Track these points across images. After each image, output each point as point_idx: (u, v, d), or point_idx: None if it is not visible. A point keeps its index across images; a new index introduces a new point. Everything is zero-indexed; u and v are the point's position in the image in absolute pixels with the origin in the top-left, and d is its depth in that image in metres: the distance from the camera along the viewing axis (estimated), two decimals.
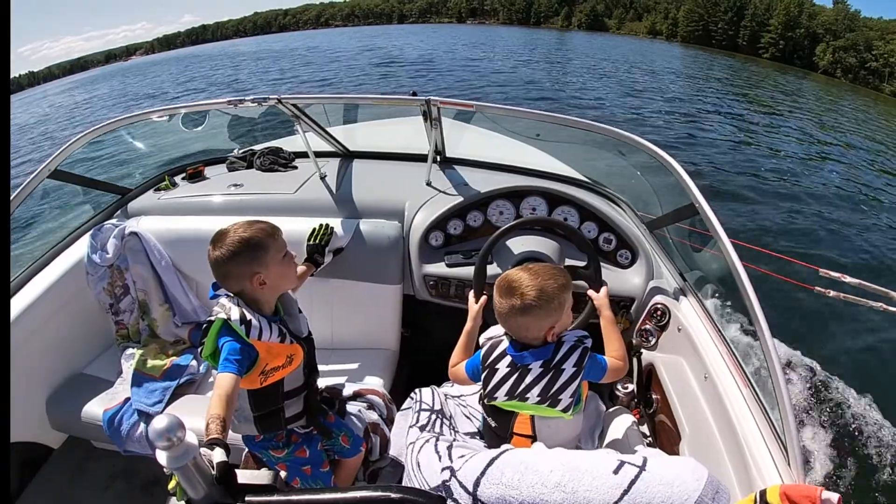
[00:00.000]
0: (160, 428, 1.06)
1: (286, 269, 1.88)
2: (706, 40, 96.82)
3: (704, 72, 39.61)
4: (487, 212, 2.96)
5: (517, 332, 1.83)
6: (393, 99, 3.51)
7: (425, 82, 24.77)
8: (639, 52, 54.72)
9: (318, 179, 3.17)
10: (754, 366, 1.99)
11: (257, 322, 1.74)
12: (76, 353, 2.85)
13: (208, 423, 1.41)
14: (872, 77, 67.84)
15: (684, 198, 2.23)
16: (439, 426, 1.99)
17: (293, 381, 1.91)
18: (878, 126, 24.82)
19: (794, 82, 42.52)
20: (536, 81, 24.21)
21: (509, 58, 37.35)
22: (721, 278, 2.42)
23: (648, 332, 2.54)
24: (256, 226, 1.81)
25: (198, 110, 3.15)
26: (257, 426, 1.88)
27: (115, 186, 3.28)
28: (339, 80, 28.29)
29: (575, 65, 35.67)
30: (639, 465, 1.31)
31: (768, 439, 1.70)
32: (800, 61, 79.39)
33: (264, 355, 1.75)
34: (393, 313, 2.94)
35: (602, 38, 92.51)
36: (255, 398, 1.83)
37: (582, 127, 2.63)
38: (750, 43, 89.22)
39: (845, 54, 72.67)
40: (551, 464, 1.37)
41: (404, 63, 31.51)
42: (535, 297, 1.73)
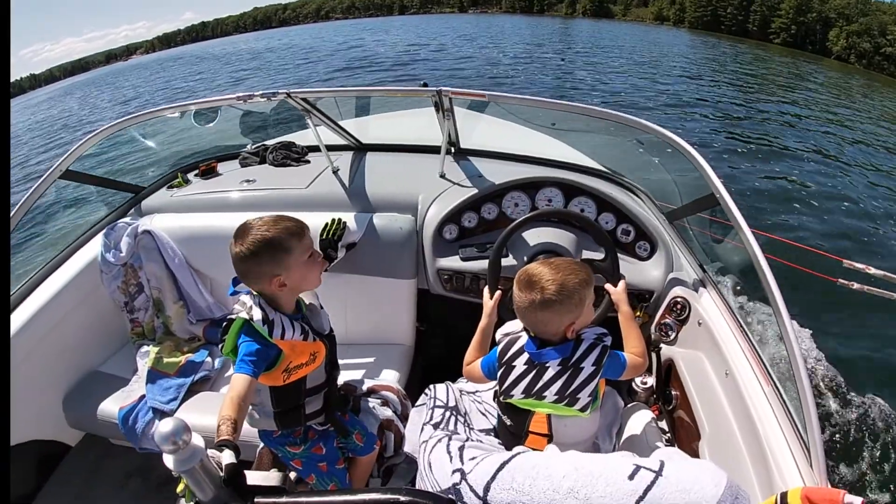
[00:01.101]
0: (166, 432, 1.06)
1: (309, 272, 1.84)
2: (715, 26, 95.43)
3: (724, 58, 39.18)
4: (502, 204, 2.93)
5: (536, 328, 1.80)
6: (404, 90, 3.47)
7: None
8: (648, 40, 54.10)
9: (331, 173, 3.15)
10: (777, 362, 1.94)
11: (280, 321, 1.73)
12: (92, 351, 2.87)
13: (219, 424, 1.41)
14: (887, 63, 66.78)
15: (704, 187, 2.19)
16: (453, 423, 1.96)
17: (315, 379, 1.90)
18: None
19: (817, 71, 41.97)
20: (540, 82, 23.85)
21: (510, 51, 36.60)
22: (742, 270, 2.38)
23: (668, 327, 2.49)
24: (282, 224, 1.75)
25: (208, 107, 3.13)
26: (277, 422, 1.87)
27: (128, 185, 3.29)
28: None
29: (582, 56, 35.14)
30: (655, 471, 1.27)
31: (790, 439, 1.65)
32: (812, 47, 78.25)
33: (288, 353, 1.74)
34: (407, 308, 2.92)
35: (608, 25, 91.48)
36: (276, 395, 1.82)
37: (598, 115, 2.59)
38: (760, 28, 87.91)
39: (859, 39, 71.48)
40: (564, 468, 1.33)
41: (384, 65, 30.27)
42: (556, 292, 1.69)
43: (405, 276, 2.84)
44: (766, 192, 9.56)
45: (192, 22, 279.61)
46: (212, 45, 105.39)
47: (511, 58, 31.55)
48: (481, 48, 36.56)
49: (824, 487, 1.42)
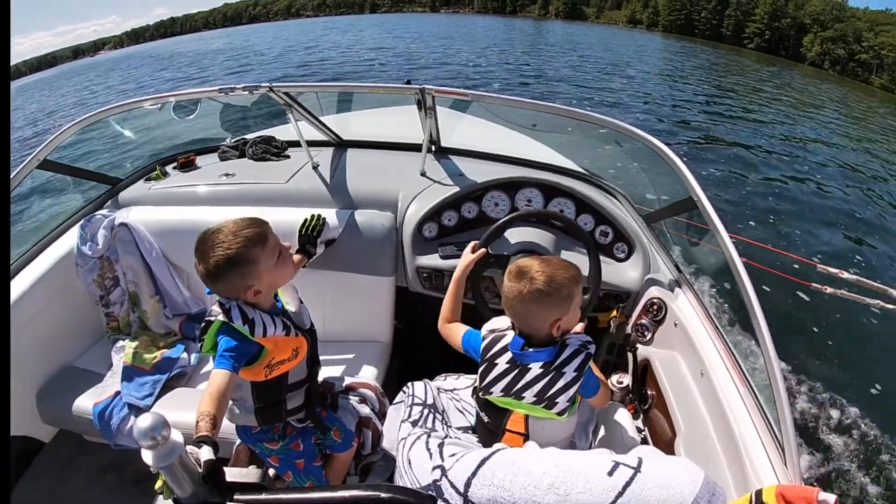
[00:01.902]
0: (144, 427, 1.07)
1: (282, 271, 1.81)
2: (688, 30, 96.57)
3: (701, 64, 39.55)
4: (482, 203, 2.93)
5: (523, 320, 1.80)
6: (387, 87, 3.47)
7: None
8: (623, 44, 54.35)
9: (311, 169, 3.14)
10: (751, 363, 1.97)
11: (260, 319, 1.71)
12: (66, 345, 2.82)
13: (198, 420, 1.40)
14: (861, 69, 67.75)
15: (682, 190, 2.21)
16: (431, 421, 1.97)
17: (297, 374, 1.89)
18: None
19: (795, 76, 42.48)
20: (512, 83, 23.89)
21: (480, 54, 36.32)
22: (718, 273, 2.42)
23: (644, 327, 2.52)
24: (241, 235, 1.65)
25: (188, 99, 3.10)
26: (258, 418, 1.85)
27: (106, 176, 3.25)
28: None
29: (555, 59, 35.22)
30: (634, 467, 1.28)
31: (765, 438, 1.68)
32: (785, 52, 79.22)
33: (271, 349, 1.73)
34: (386, 305, 2.91)
35: (581, 28, 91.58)
36: (258, 390, 1.80)
37: (579, 118, 2.60)
38: (734, 33, 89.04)
39: (833, 45, 72.54)
40: (544, 465, 1.34)
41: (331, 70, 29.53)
42: (545, 283, 1.70)
43: (384, 273, 2.84)
44: (742, 197, 9.68)
45: (162, 17, 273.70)
46: (173, 43, 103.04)
47: (484, 58, 31.60)
48: (457, 51, 36.39)
49: (799, 485, 1.44)
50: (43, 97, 35.25)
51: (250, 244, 1.66)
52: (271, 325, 1.74)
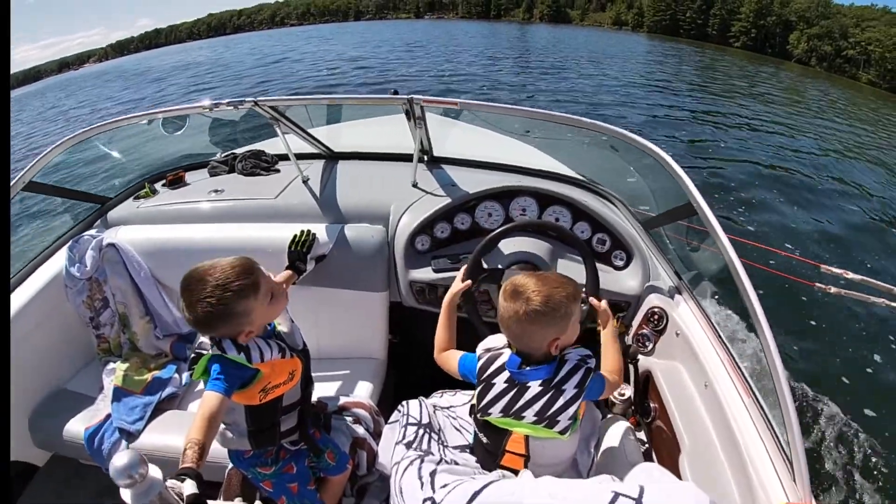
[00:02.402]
0: (121, 466, 1.05)
1: (276, 309, 1.76)
2: (674, 30, 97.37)
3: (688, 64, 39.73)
4: (475, 214, 2.88)
5: (519, 341, 1.75)
6: (374, 98, 3.45)
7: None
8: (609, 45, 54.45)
9: (301, 183, 3.10)
10: (756, 373, 1.92)
11: (255, 345, 1.67)
12: (58, 368, 2.79)
13: (186, 447, 1.36)
14: (848, 65, 68.03)
15: (680, 194, 2.16)
16: (427, 442, 1.91)
17: (292, 396, 1.86)
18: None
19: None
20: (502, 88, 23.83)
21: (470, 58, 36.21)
22: (720, 280, 2.35)
23: (645, 337, 2.47)
24: (231, 288, 1.55)
25: (176, 115, 3.07)
26: (252, 442, 1.80)
27: (94, 196, 3.21)
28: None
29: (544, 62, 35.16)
30: (634, 498, 1.23)
31: (773, 453, 1.63)
32: (772, 50, 79.64)
33: (267, 374, 1.68)
34: (379, 321, 2.87)
35: (567, 31, 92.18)
36: (252, 414, 1.75)
37: (572, 123, 2.57)
38: (720, 32, 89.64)
39: (820, 42, 72.97)
40: (540, 498, 1.29)
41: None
42: (541, 304, 1.64)
43: (377, 288, 2.80)
44: (739, 197, 9.69)
45: (146, 29, 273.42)
46: (158, 55, 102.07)
47: (470, 64, 31.61)
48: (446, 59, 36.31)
49: (809, 502, 1.41)
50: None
51: (240, 297, 1.58)
52: (267, 350, 1.70)
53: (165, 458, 2.25)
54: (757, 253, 3.82)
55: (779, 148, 14.35)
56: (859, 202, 10.46)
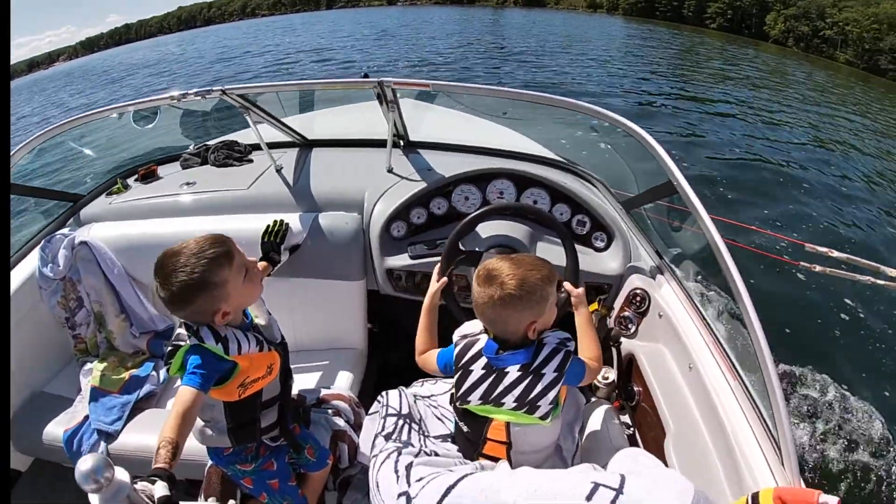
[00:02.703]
0: (85, 470, 1.02)
1: (250, 290, 1.72)
2: (649, 12, 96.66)
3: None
4: (452, 198, 2.85)
5: (495, 326, 1.72)
6: (343, 83, 3.39)
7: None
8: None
9: (274, 172, 3.06)
10: (741, 354, 1.90)
11: (234, 336, 1.63)
12: (35, 371, 2.74)
13: (159, 446, 1.32)
14: (826, 46, 68.31)
15: (661, 173, 2.14)
16: (407, 433, 1.88)
17: (271, 390, 1.83)
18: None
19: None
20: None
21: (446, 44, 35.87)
22: (703, 259, 2.33)
23: (628, 320, 2.44)
24: (205, 255, 1.54)
25: (144, 107, 3.02)
26: (231, 438, 1.76)
27: (66, 194, 3.16)
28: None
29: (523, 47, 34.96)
30: (615, 488, 1.20)
31: (760, 437, 1.61)
32: (748, 31, 79.72)
33: (245, 367, 1.65)
34: (357, 310, 2.84)
35: (542, 14, 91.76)
36: (231, 410, 1.72)
37: (549, 103, 2.54)
38: (696, 14, 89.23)
39: (797, 23, 73.07)
40: (517, 490, 1.26)
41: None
42: (516, 287, 1.61)
43: (353, 277, 2.77)
44: (726, 180, 9.68)
45: (116, 25, 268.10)
46: (127, 51, 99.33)
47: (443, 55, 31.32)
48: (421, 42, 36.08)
49: (797, 487, 1.39)
50: None
51: (215, 265, 1.55)
52: (245, 342, 1.66)
53: (145, 458, 2.22)
54: (740, 232, 3.80)
55: (763, 130, 14.40)
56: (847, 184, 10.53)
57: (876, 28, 62.99)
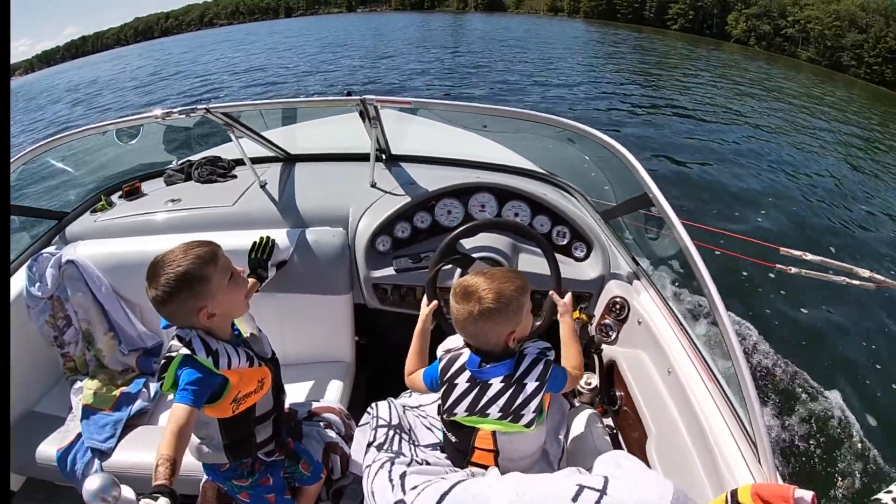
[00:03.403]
0: (93, 490, 1.06)
1: (235, 294, 1.74)
2: (611, 14, 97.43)
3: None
4: (435, 212, 2.89)
5: (477, 340, 1.76)
6: (326, 101, 3.43)
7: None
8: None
9: (259, 188, 3.08)
10: (718, 358, 1.96)
11: (224, 350, 1.66)
12: (26, 390, 2.73)
13: (157, 464, 1.35)
14: (788, 44, 69.06)
15: (638, 184, 2.18)
16: (398, 443, 1.93)
17: (264, 406, 1.85)
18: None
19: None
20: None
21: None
22: (680, 267, 2.40)
23: (608, 327, 2.51)
24: (192, 253, 1.61)
25: (127, 125, 3.02)
26: (228, 455, 1.80)
27: (50, 212, 3.14)
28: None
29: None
30: (599, 489, 1.26)
31: (737, 436, 1.67)
32: (710, 31, 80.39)
33: (236, 383, 1.67)
34: (345, 324, 2.88)
35: (503, 19, 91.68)
36: (226, 426, 1.75)
37: (529, 119, 2.60)
38: (657, 15, 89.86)
39: (758, 22, 73.81)
40: (507, 496, 1.32)
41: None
42: (494, 300, 1.65)
43: (340, 291, 2.80)
44: (701, 186, 9.81)
45: (73, 37, 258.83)
46: (81, 64, 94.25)
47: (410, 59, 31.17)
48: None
49: (774, 483, 1.44)
50: None
51: (201, 261, 1.61)
52: (235, 357, 1.69)
53: (139, 475, 2.23)
54: (716, 237, 3.86)
55: (730, 130, 14.67)
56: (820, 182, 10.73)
57: (837, 25, 63.89)
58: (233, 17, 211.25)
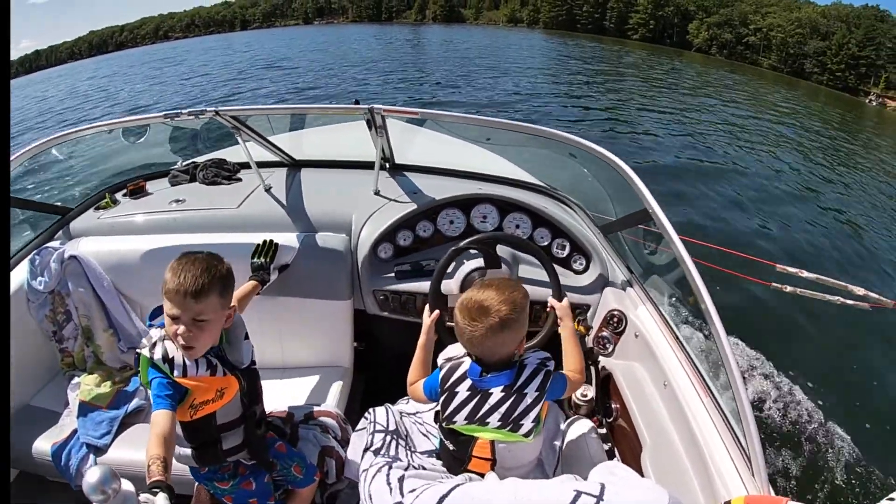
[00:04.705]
0: (93, 482, 1.07)
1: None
2: (571, 25, 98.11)
3: None
4: (437, 221, 2.92)
5: (491, 352, 1.76)
6: (335, 108, 3.46)
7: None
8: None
9: (263, 192, 3.10)
10: (713, 372, 1.98)
11: (181, 360, 1.67)
12: (22, 384, 2.72)
13: (149, 464, 1.37)
14: (749, 52, 69.60)
15: (637, 198, 2.21)
16: (394, 448, 1.93)
17: (228, 414, 1.84)
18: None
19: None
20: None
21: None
22: (677, 282, 2.41)
23: (605, 339, 2.53)
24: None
25: (135, 125, 3.04)
26: (195, 457, 1.82)
27: (54, 207, 3.15)
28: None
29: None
30: (596, 495, 1.28)
31: (731, 449, 1.70)
32: (671, 41, 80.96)
33: (193, 390, 1.69)
34: (344, 329, 2.89)
35: (462, 31, 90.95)
36: (186, 430, 1.77)
37: (533, 133, 2.63)
38: (618, 25, 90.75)
39: (720, 30, 74.37)
40: (504, 498, 1.33)
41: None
42: (511, 310, 1.68)
43: (340, 297, 2.82)
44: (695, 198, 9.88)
45: (27, 51, 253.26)
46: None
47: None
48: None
49: (767, 495, 1.47)
50: None
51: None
52: (192, 366, 1.70)
53: (134, 472, 2.23)
54: (713, 253, 3.88)
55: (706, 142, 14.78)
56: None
57: (800, 32, 64.40)
58: (188, 31, 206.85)
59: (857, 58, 63.26)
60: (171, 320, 1.64)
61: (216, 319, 1.69)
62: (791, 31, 67.87)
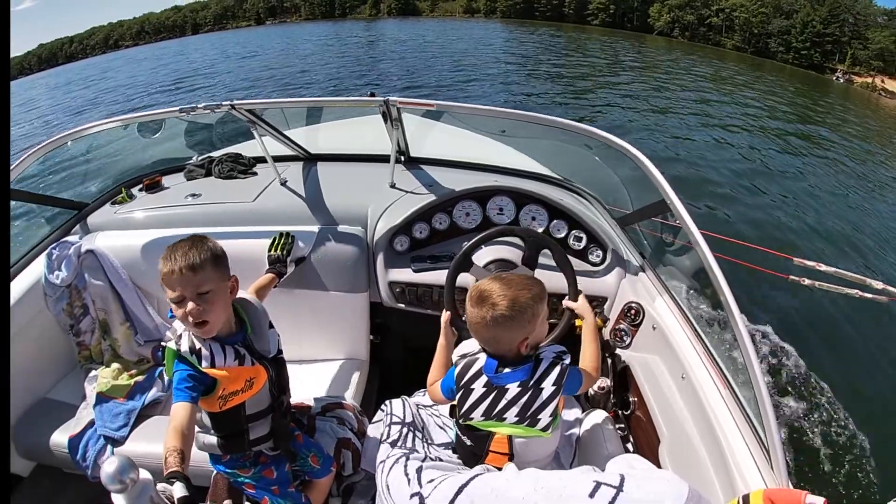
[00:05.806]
0: (111, 471, 1.06)
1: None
2: (529, 13, 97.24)
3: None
4: (453, 213, 2.91)
5: (489, 345, 1.77)
6: (351, 101, 3.45)
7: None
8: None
9: (279, 185, 3.11)
10: (732, 364, 1.96)
11: (207, 350, 1.67)
12: (40, 377, 2.75)
13: (166, 455, 1.37)
14: (713, 33, 69.12)
15: (654, 188, 2.20)
16: (411, 440, 1.93)
17: (257, 404, 1.84)
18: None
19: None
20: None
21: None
22: (695, 273, 2.39)
23: (623, 332, 2.51)
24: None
25: (150, 120, 3.05)
26: (221, 447, 1.82)
27: (71, 202, 3.17)
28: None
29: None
30: (616, 486, 1.27)
31: (750, 442, 1.68)
32: (632, 25, 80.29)
33: (222, 380, 1.68)
34: (360, 322, 2.89)
35: (419, 24, 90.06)
36: (215, 421, 1.77)
37: (549, 124, 2.61)
38: (577, 11, 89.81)
39: (682, 12, 73.75)
40: (524, 490, 1.33)
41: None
42: (507, 308, 1.66)
43: (357, 289, 2.82)
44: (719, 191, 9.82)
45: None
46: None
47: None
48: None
49: (786, 488, 1.45)
50: None
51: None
52: (220, 355, 1.69)
53: (151, 464, 2.24)
54: (731, 246, 3.86)
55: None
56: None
57: (763, 12, 64.06)
58: (138, 38, 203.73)
59: (821, 35, 63.16)
60: (177, 305, 1.63)
61: (219, 290, 1.68)
62: (754, 10, 67.93)
